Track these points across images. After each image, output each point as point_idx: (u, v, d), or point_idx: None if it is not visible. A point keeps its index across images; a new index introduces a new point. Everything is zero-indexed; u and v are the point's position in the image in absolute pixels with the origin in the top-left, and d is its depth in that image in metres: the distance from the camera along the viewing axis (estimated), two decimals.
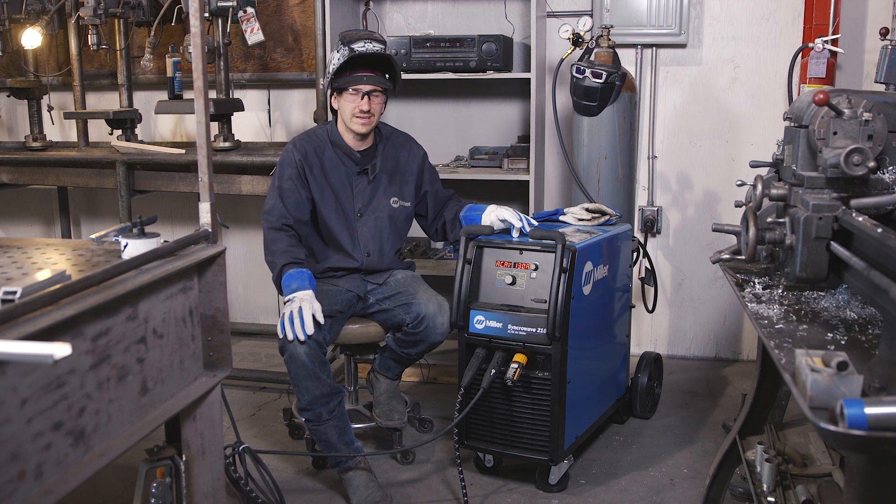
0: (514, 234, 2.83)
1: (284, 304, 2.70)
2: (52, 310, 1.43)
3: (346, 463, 2.77)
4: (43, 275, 1.57)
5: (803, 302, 1.77)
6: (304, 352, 2.64)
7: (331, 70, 2.87)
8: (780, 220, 1.76)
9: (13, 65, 4.17)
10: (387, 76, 2.91)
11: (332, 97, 2.91)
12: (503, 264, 2.77)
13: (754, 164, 2.26)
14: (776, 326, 1.61)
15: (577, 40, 3.36)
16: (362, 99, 2.83)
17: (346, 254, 2.94)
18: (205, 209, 1.99)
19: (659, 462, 3.07)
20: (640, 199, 4.06)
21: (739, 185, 2.27)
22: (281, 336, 2.67)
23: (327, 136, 2.96)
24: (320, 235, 2.97)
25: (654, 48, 3.94)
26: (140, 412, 1.71)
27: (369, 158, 2.97)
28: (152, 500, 1.90)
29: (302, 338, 2.63)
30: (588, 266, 2.82)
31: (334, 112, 2.96)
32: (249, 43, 3.58)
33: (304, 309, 2.63)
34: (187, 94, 3.80)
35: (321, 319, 2.66)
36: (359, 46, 2.81)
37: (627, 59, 3.87)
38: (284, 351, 2.68)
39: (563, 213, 3.21)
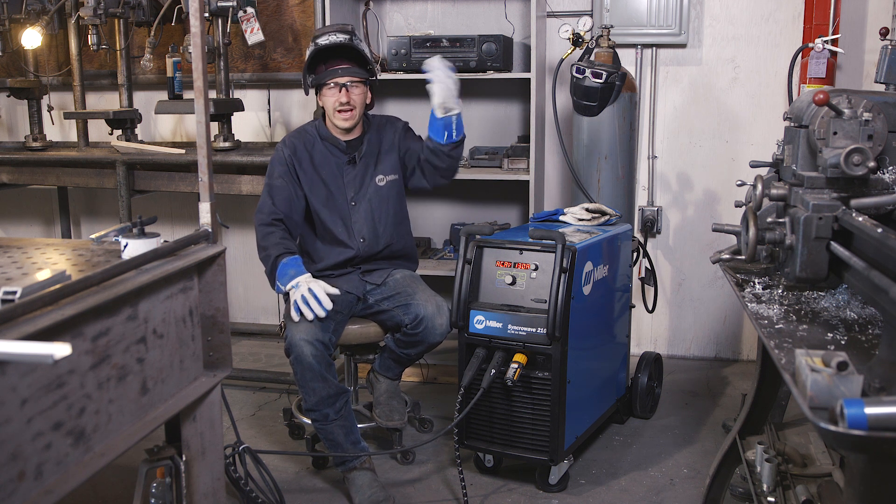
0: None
1: (287, 292, 2.73)
2: (52, 310, 1.43)
3: (351, 462, 2.77)
4: (43, 275, 1.57)
5: (803, 302, 1.77)
6: (311, 353, 2.65)
7: (304, 69, 2.90)
8: (780, 220, 1.76)
9: (13, 65, 4.17)
10: (368, 67, 2.91)
11: (318, 95, 2.93)
12: (503, 264, 2.77)
13: (754, 164, 2.26)
14: (776, 326, 1.61)
15: (577, 40, 3.36)
16: (340, 91, 2.85)
17: (342, 244, 2.95)
18: (205, 209, 1.99)
19: (659, 462, 3.07)
20: (640, 199, 4.06)
21: (739, 185, 2.27)
22: (297, 318, 2.68)
23: (316, 131, 2.99)
24: (315, 232, 2.98)
25: (654, 48, 3.94)
26: (140, 412, 1.71)
27: (356, 147, 2.98)
28: (152, 500, 1.90)
29: (322, 314, 2.66)
30: (588, 266, 2.82)
31: (322, 106, 2.97)
32: (249, 43, 3.58)
33: (314, 288, 2.67)
34: (187, 94, 3.80)
35: (334, 291, 2.71)
36: (322, 40, 2.84)
37: (627, 59, 3.87)
38: (290, 353, 2.69)
39: (563, 213, 3.21)
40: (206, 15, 3.48)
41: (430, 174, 3.00)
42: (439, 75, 2.83)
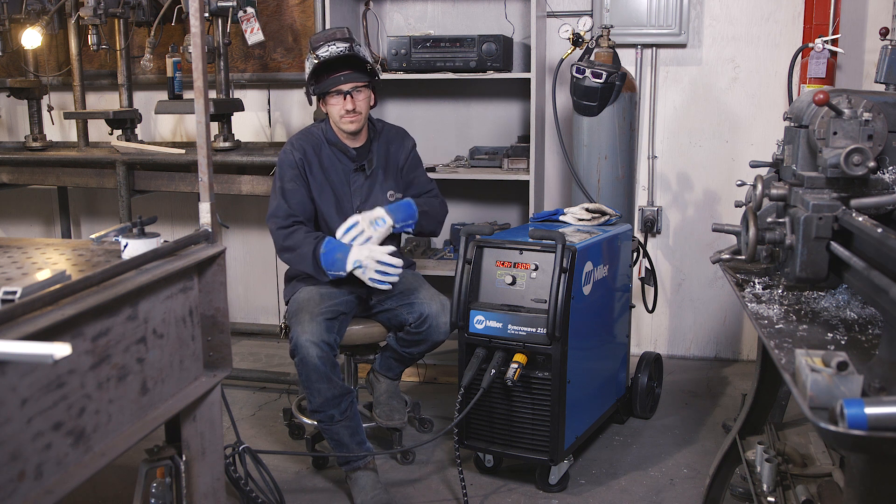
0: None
1: (352, 271, 2.76)
2: (52, 310, 1.43)
3: (356, 462, 2.77)
4: (43, 275, 1.57)
5: (803, 302, 1.77)
6: (317, 354, 2.64)
7: (306, 78, 2.88)
8: (780, 220, 1.76)
9: (13, 65, 4.17)
10: (369, 67, 2.90)
11: (321, 102, 2.92)
12: (503, 264, 2.77)
13: (754, 164, 2.26)
14: (776, 326, 1.61)
15: (577, 40, 3.36)
16: (345, 99, 2.84)
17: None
18: (205, 209, 1.99)
19: (659, 462, 3.07)
20: (640, 199, 4.06)
21: (739, 185, 2.27)
22: (385, 288, 2.78)
23: (322, 135, 2.96)
24: None
25: (654, 48, 3.94)
26: (140, 412, 1.71)
27: (364, 155, 2.97)
28: (152, 500, 1.90)
29: (391, 282, 2.78)
30: (588, 266, 2.82)
31: (326, 113, 2.97)
32: (249, 43, 3.58)
33: (381, 259, 2.74)
34: (187, 94, 3.80)
35: (391, 248, 2.78)
36: (322, 52, 2.81)
37: (627, 59, 3.87)
38: (295, 354, 2.68)
39: (563, 213, 3.21)
40: (206, 15, 3.48)
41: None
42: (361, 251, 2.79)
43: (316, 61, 2.81)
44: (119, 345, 1.63)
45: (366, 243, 2.80)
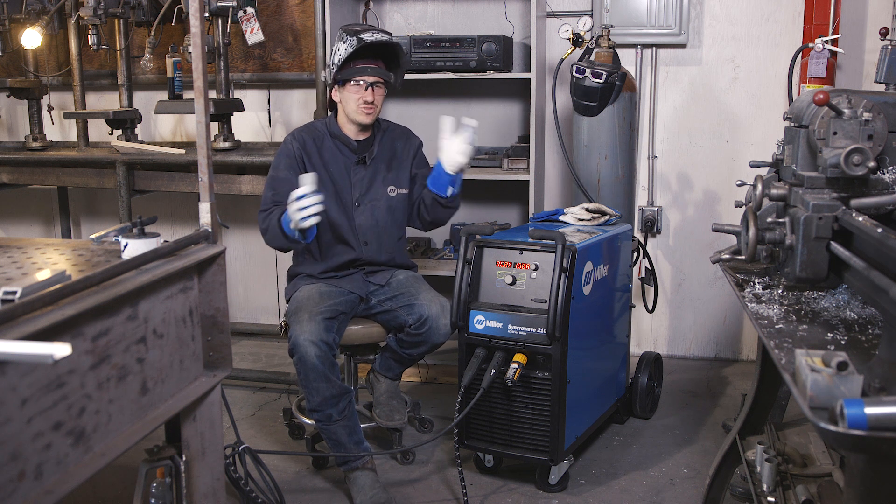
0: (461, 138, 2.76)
1: (302, 228, 2.61)
2: (52, 310, 1.43)
3: (354, 462, 2.77)
4: (43, 275, 1.57)
5: (803, 302, 1.77)
6: (315, 354, 2.64)
7: (336, 60, 2.87)
8: (780, 220, 1.76)
9: (13, 65, 4.17)
10: (393, 71, 2.95)
11: (334, 90, 2.93)
12: (503, 264, 2.77)
13: (754, 164, 2.26)
14: (776, 326, 1.61)
15: (577, 40, 3.36)
16: (366, 90, 2.85)
17: (345, 243, 2.95)
18: (205, 209, 1.99)
19: (659, 462, 3.07)
20: (640, 199, 4.06)
21: (739, 185, 2.27)
22: (307, 222, 2.55)
23: (326, 128, 2.98)
24: (318, 228, 2.97)
25: (654, 48, 3.94)
26: (140, 412, 1.71)
27: (366, 147, 2.98)
28: (152, 500, 1.90)
29: (315, 211, 2.54)
30: (588, 266, 2.82)
31: (333, 105, 2.97)
32: (249, 43, 3.59)
33: (307, 198, 2.53)
34: (187, 94, 3.80)
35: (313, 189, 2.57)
36: (367, 36, 2.84)
37: (627, 59, 3.87)
38: (294, 353, 2.69)
39: (563, 213, 3.21)
40: (206, 15, 3.48)
41: (418, 220, 3.03)
42: (469, 137, 2.78)
43: (358, 44, 2.82)
44: (119, 345, 1.63)
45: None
